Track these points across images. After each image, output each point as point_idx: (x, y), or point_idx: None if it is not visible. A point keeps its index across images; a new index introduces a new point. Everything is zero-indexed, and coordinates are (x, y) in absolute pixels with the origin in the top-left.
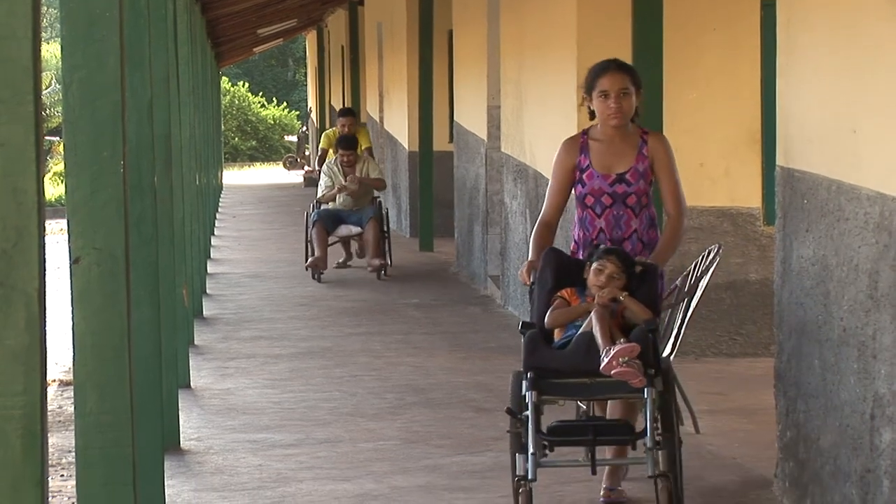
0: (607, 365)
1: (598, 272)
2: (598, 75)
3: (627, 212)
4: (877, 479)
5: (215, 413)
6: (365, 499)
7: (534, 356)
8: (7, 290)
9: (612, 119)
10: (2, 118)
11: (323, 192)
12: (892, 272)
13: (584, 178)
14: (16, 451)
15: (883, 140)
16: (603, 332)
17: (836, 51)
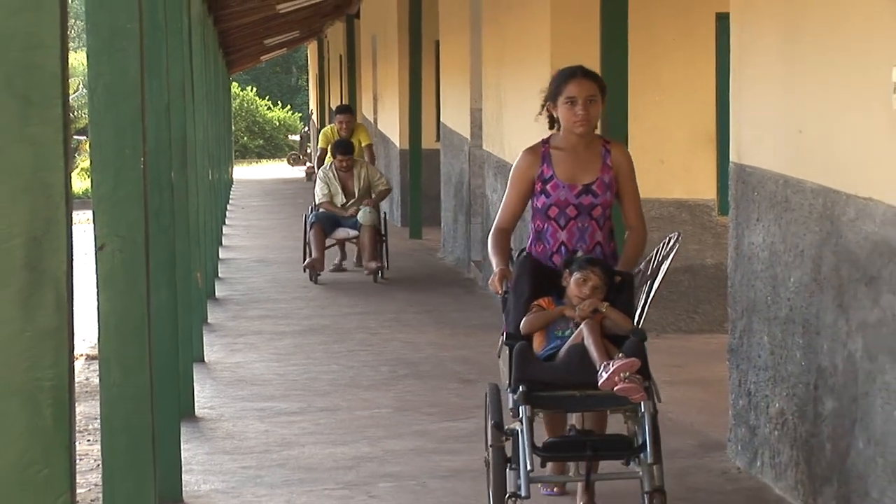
0: (608, 381)
1: (582, 283)
2: (565, 81)
3: (592, 224)
4: (820, 443)
5: (226, 384)
6: (361, 461)
7: (525, 369)
8: (38, 275)
9: (578, 126)
10: (32, 119)
11: (320, 198)
12: (834, 257)
13: (549, 189)
14: (46, 418)
15: (825, 139)
16: (598, 346)
17: (783, 60)
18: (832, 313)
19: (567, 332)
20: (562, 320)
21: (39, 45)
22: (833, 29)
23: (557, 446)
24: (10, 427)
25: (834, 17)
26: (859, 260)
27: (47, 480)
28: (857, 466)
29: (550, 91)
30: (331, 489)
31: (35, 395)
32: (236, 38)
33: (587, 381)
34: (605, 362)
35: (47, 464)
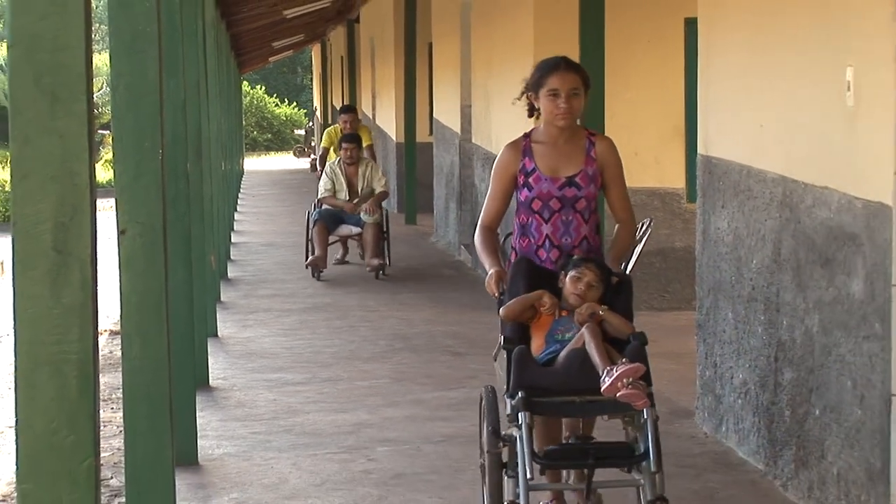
0: (611, 387)
1: (577, 280)
2: (548, 73)
3: (576, 217)
4: (780, 410)
5: (238, 357)
6: (361, 427)
7: (524, 374)
8: (65, 256)
9: (560, 119)
10: (59, 114)
11: (322, 193)
12: (793, 241)
13: (531, 182)
14: (72, 388)
15: (784, 133)
16: (599, 350)
17: (746, 61)
18: (791, 292)
19: (567, 335)
20: (561, 323)
21: (66, 47)
22: (792, 33)
23: (558, 454)
24: (39, 396)
25: (793, 23)
26: (816, 243)
27: (74, 445)
28: (813, 432)
29: (533, 81)
30: (333, 453)
31: (62, 366)
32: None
33: (588, 386)
34: (608, 367)
35: (73, 430)
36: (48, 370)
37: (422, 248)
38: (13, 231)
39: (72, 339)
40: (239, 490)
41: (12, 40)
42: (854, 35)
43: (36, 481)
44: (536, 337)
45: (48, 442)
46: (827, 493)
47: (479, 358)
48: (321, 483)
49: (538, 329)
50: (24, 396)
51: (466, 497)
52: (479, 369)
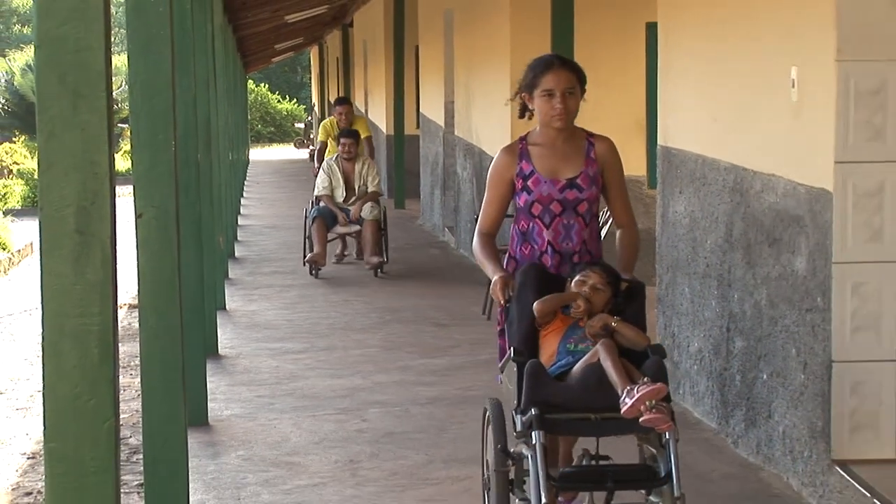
0: (632, 408)
1: (581, 283)
2: (542, 73)
3: (578, 220)
4: (731, 375)
5: (244, 328)
6: (354, 391)
7: (538, 389)
8: (87, 237)
9: (556, 120)
10: (82, 109)
11: (320, 191)
12: (743, 223)
13: (530, 185)
14: (94, 357)
15: (735, 126)
16: (617, 367)
17: (702, 61)
18: (741, 269)
19: (580, 346)
20: (574, 333)
21: (87, 48)
22: (743, 35)
23: (575, 476)
24: (63, 364)
25: (744, 28)
26: (764, 225)
27: (95, 408)
28: (761, 394)
29: (526, 82)
30: (330, 414)
31: (84, 337)
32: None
33: (605, 404)
34: (628, 387)
35: (95, 394)
36: (72, 340)
37: (410, 230)
38: (40, 215)
39: (93, 312)
40: (245, 448)
41: (38, 42)
42: (798, 38)
43: (61, 440)
44: (547, 346)
45: (72, 405)
46: (773, 449)
47: (461, 328)
48: (319, 441)
49: (549, 338)
50: (50, 364)
51: (450, 453)
52: (461, 339)
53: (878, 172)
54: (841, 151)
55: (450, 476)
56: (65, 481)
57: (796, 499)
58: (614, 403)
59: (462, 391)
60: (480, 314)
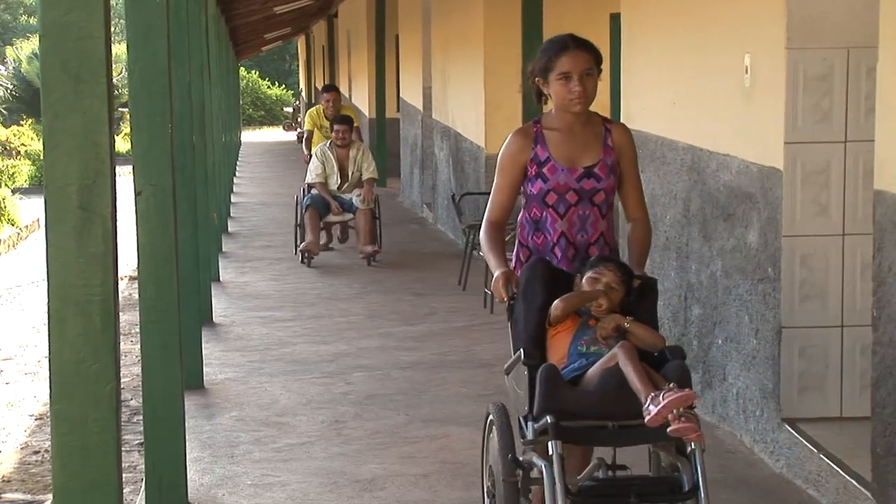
0: (657, 416)
1: (594, 281)
2: (557, 55)
3: (594, 211)
4: (689, 340)
5: (237, 298)
6: (339, 356)
7: (554, 396)
8: (89, 214)
9: (574, 104)
10: (84, 94)
11: (313, 178)
12: (700, 200)
13: (545, 173)
14: (96, 325)
15: (693, 110)
16: (639, 374)
17: (661, 49)
18: (698, 242)
19: (592, 348)
20: (585, 334)
21: (88, 36)
22: (700, 26)
23: (595, 490)
24: (67, 331)
25: (700, 18)
26: (719, 201)
27: (98, 373)
28: (716, 358)
29: (540, 65)
30: (316, 377)
31: (87, 306)
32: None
33: (625, 411)
34: (653, 394)
35: (97, 360)
36: (76, 309)
37: (391, 206)
38: (45, 193)
39: (95, 283)
40: (238, 409)
41: (43, 31)
42: (751, 28)
43: (67, 403)
44: (556, 348)
45: (76, 370)
46: (728, 409)
47: (437, 298)
48: (307, 403)
49: (558, 339)
50: (55, 332)
51: (428, 413)
52: (438, 308)
53: (825, 152)
54: (790, 133)
55: (428, 435)
56: (70, 440)
57: (749, 454)
58: (635, 410)
59: (439, 356)
60: (456, 284)
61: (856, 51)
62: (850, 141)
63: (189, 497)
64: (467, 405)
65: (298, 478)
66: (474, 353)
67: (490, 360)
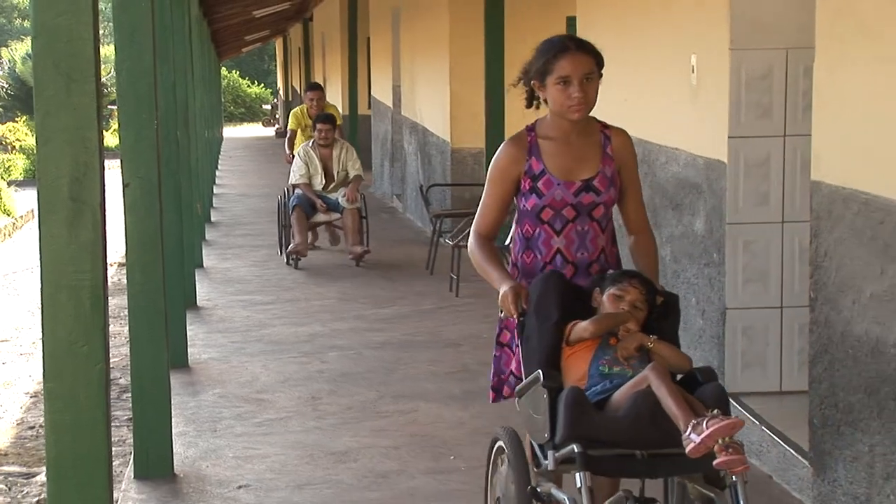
0: (700, 446)
1: (617, 299)
2: (556, 57)
3: (593, 226)
4: None
5: (219, 283)
6: (315, 337)
7: (580, 422)
8: (80, 204)
9: (573, 112)
10: (74, 91)
11: (297, 179)
12: (650, 190)
13: (540, 187)
14: (86, 308)
15: (643, 106)
16: (676, 398)
17: (614, 50)
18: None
19: (615, 368)
20: (606, 353)
21: (78, 38)
22: (650, 28)
23: None
24: (60, 314)
25: (651, 20)
26: (668, 192)
27: (88, 353)
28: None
29: (537, 68)
30: (294, 357)
31: (78, 291)
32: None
33: (661, 439)
34: (693, 421)
35: (87, 341)
36: (67, 294)
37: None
38: (38, 185)
39: (85, 269)
40: (220, 386)
41: (35, 33)
42: (697, 31)
43: (59, 381)
44: (574, 368)
45: (68, 350)
46: None
47: (406, 282)
48: (285, 380)
49: (576, 359)
50: (48, 315)
51: (397, 390)
52: (406, 291)
53: (766, 146)
54: (734, 128)
55: (398, 410)
56: (62, 417)
57: None
58: (672, 438)
59: (408, 336)
60: (424, 269)
61: (794, 51)
62: (789, 135)
63: (175, 469)
64: (434, 382)
65: (277, 450)
66: (441, 333)
67: (456, 340)
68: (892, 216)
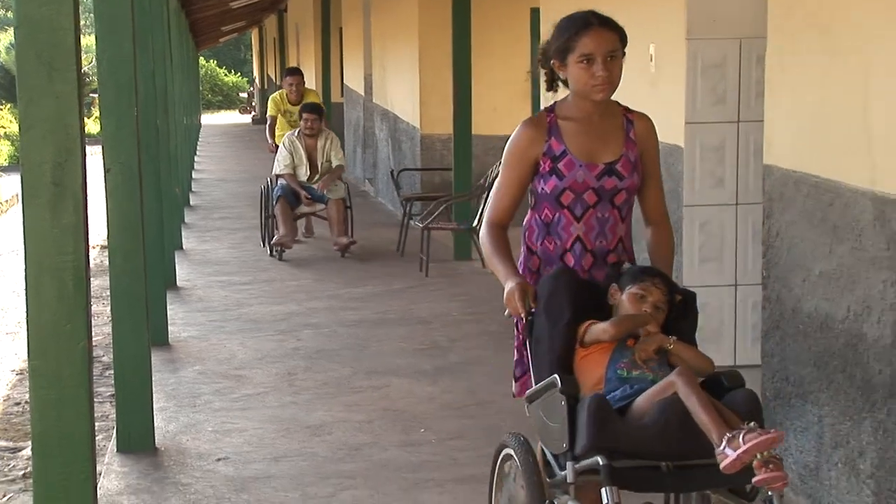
0: (736, 461)
1: (639, 299)
2: (578, 34)
3: (614, 214)
4: None
5: (198, 264)
6: (291, 315)
7: (604, 432)
8: (62, 189)
9: (597, 91)
10: (57, 79)
11: (281, 169)
12: None
13: (561, 168)
14: (69, 289)
15: None
16: (706, 407)
17: None
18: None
19: (634, 372)
20: (623, 356)
21: (59, 28)
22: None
23: None
24: (44, 295)
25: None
26: None
27: (71, 332)
28: None
29: (557, 46)
30: (270, 335)
31: (61, 272)
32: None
33: (692, 450)
34: (728, 434)
35: (70, 320)
36: (50, 275)
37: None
38: (22, 170)
39: (68, 251)
40: (200, 363)
41: (18, 23)
42: (655, 21)
43: (43, 359)
44: (589, 371)
45: (52, 329)
46: None
47: (378, 262)
48: (262, 357)
49: (590, 362)
50: (32, 295)
51: (370, 366)
52: (378, 272)
53: (720, 131)
54: (690, 114)
55: (370, 385)
56: (47, 393)
57: None
58: (702, 450)
59: (380, 315)
60: (395, 251)
61: (747, 41)
62: (743, 121)
63: (156, 443)
64: (405, 358)
65: (255, 424)
66: (412, 311)
67: (426, 318)
68: (840, 198)
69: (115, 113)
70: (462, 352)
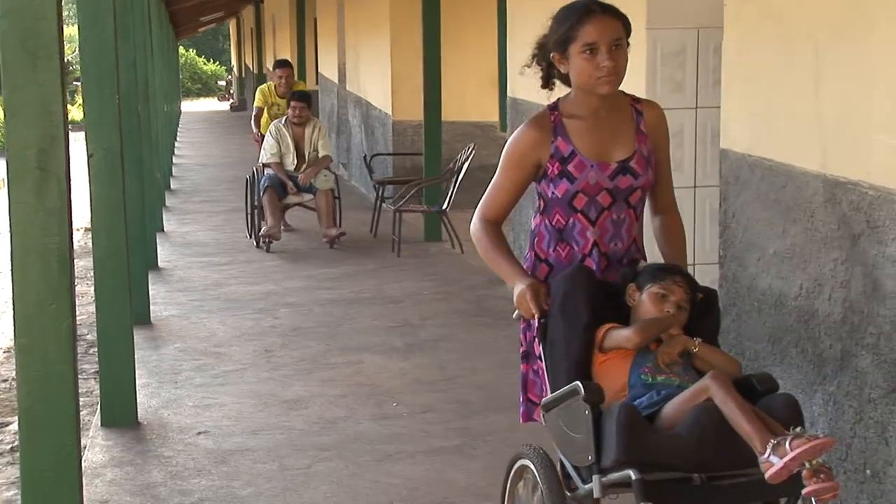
0: (783, 470)
1: (661, 299)
2: (580, 22)
3: (629, 214)
4: None
5: (179, 246)
6: (268, 295)
7: (636, 443)
8: (46, 173)
9: (603, 84)
10: (40, 68)
11: (268, 158)
12: None
13: (571, 171)
14: (54, 270)
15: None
16: (745, 413)
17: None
18: None
19: (659, 377)
20: (645, 360)
21: (43, 17)
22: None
23: None
24: (29, 276)
25: None
26: None
27: (56, 311)
28: None
29: (557, 37)
30: (249, 313)
31: (46, 254)
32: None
33: (732, 461)
34: (773, 441)
35: (55, 300)
36: (36, 256)
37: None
38: (7, 156)
39: (53, 233)
40: (181, 341)
41: (2, 13)
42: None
43: (30, 337)
44: (610, 377)
45: (37, 309)
46: None
47: (352, 244)
48: (240, 335)
49: (610, 367)
50: (18, 276)
51: (344, 343)
52: (352, 252)
53: (679, 117)
54: None
55: (345, 361)
56: (33, 370)
57: None
58: (742, 460)
59: (354, 294)
60: (368, 233)
61: (705, 31)
62: (700, 107)
63: (139, 418)
64: (378, 335)
65: (233, 399)
66: (384, 290)
67: (398, 297)
68: (793, 181)
69: (97, 100)
70: (432, 329)
